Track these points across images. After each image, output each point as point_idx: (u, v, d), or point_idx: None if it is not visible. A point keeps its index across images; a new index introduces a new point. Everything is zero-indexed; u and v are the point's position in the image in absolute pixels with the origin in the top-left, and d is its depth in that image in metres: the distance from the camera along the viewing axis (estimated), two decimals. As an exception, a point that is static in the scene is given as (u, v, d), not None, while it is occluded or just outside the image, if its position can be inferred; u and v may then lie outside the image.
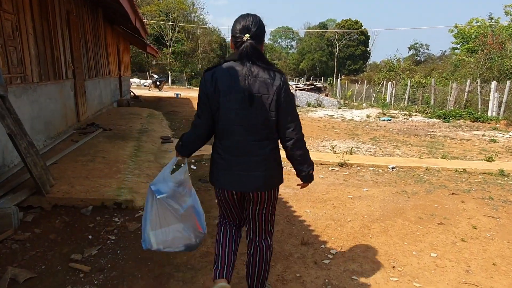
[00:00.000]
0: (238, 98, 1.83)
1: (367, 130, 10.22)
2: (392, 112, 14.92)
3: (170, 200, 2.11)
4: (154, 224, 2.13)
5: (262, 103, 1.84)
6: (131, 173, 4.52)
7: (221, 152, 1.95)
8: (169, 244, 2.18)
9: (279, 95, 1.85)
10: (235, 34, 1.89)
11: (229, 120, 1.87)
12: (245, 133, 1.87)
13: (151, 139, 6.72)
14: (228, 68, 1.86)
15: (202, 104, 1.93)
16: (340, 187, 4.72)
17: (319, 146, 7.54)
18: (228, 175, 1.94)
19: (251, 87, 1.82)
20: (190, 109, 13.92)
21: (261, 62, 1.86)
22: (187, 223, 2.17)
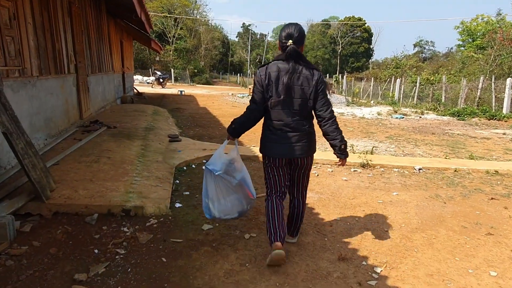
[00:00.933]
0: (285, 88, 2.41)
1: (381, 128, 9.80)
2: (403, 110, 14.48)
3: (225, 175, 2.65)
4: (215, 197, 2.67)
5: (304, 93, 2.45)
6: (139, 175, 4.13)
7: (273, 129, 2.53)
8: (228, 212, 2.72)
9: (316, 87, 2.46)
10: (281, 39, 2.46)
11: (280, 104, 2.46)
12: (290, 114, 2.47)
13: (158, 138, 6.33)
14: (277, 64, 2.46)
15: (258, 92, 2.51)
16: (367, 190, 4.32)
17: (334, 145, 7.12)
18: (279, 146, 2.53)
19: (297, 80, 2.43)
20: (195, 106, 13.53)
21: (302, 61, 2.45)
22: (240, 193, 2.73)
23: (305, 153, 2.56)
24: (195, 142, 6.27)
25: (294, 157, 2.55)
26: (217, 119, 10.11)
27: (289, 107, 2.46)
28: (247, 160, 5.36)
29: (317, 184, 4.51)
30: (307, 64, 2.46)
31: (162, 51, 20.54)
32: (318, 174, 4.91)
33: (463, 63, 27.79)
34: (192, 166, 5.02)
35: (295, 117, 2.48)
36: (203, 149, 5.72)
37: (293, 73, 2.41)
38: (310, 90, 2.44)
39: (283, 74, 2.41)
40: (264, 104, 2.51)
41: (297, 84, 2.43)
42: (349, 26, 64.45)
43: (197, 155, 5.33)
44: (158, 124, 7.89)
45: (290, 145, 2.51)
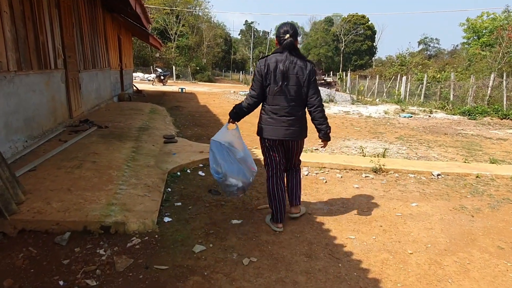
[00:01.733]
0: (282, 76, 2.73)
1: (390, 128, 9.30)
2: (410, 109, 13.95)
3: (231, 147, 2.96)
4: (223, 161, 2.91)
5: (299, 81, 2.77)
6: (125, 182, 3.67)
7: (270, 113, 2.84)
8: (234, 175, 2.94)
9: (309, 76, 2.79)
10: (279, 35, 2.81)
11: (277, 92, 2.76)
12: (286, 100, 2.78)
13: (152, 139, 5.86)
14: (275, 57, 2.78)
15: (257, 81, 2.82)
16: (382, 201, 3.83)
17: (342, 147, 6.64)
18: (275, 129, 2.84)
19: (292, 69, 2.75)
20: (196, 104, 13.05)
21: (296, 53, 2.80)
22: (243, 165, 3.01)
23: (296, 137, 2.92)
24: (192, 144, 5.79)
25: (287, 139, 2.90)
26: (217, 118, 9.63)
27: (285, 94, 2.79)
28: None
29: (326, 192, 4.03)
30: (301, 56, 2.82)
31: (162, 47, 20.00)
32: (327, 181, 4.43)
33: (470, 61, 27.19)
34: (187, 171, 4.55)
35: (291, 103, 2.82)
36: (200, 151, 5.25)
37: (288, 61, 2.75)
38: (304, 78, 2.79)
39: (281, 64, 2.75)
40: (263, 92, 2.85)
41: (293, 73, 2.77)
42: (352, 24, 63.84)
43: (193, 159, 4.85)
44: (154, 123, 7.42)
45: (284, 128, 2.85)
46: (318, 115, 2.91)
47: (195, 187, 4.00)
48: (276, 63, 2.76)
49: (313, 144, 6.71)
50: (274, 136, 2.88)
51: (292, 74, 2.77)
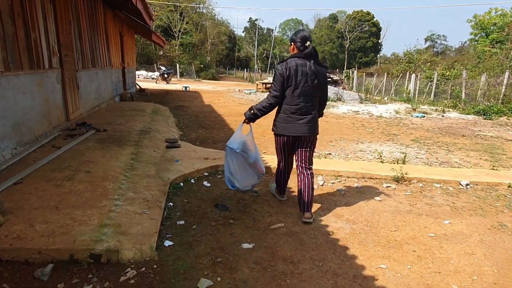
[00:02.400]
0: (303, 80, 3.04)
1: (404, 129, 8.84)
2: (422, 108, 13.46)
3: (243, 153, 3.23)
4: (237, 172, 3.23)
5: (317, 84, 3.09)
6: (122, 197, 3.27)
7: (288, 113, 3.13)
8: (245, 185, 3.32)
9: (325, 81, 3.19)
10: (298, 41, 3.09)
11: (297, 93, 3.07)
12: (305, 101, 3.10)
13: (154, 143, 5.47)
14: (295, 61, 3.06)
15: (280, 82, 3.08)
16: (410, 217, 3.41)
17: (356, 151, 6.21)
18: (295, 126, 3.14)
19: (314, 74, 3.05)
20: (200, 104, 12.65)
21: (316, 59, 3.10)
22: (254, 169, 3.31)
23: (313, 132, 3.19)
24: (196, 149, 5.39)
25: (305, 135, 3.15)
26: (223, 119, 9.22)
27: (305, 95, 3.05)
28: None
29: (346, 206, 3.61)
30: (319, 62, 3.09)
31: (166, 45, 19.62)
32: (345, 193, 4.01)
33: (479, 58, 26.56)
34: (191, 181, 4.15)
35: (308, 103, 3.09)
36: (205, 158, 4.84)
37: (310, 67, 3.02)
38: (322, 83, 3.12)
39: (303, 68, 3.01)
40: (283, 93, 3.09)
41: (314, 77, 3.04)
42: (357, 20, 63.18)
43: (198, 167, 4.45)
44: (156, 125, 7.02)
45: (303, 125, 3.11)
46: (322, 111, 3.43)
47: (200, 201, 3.60)
48: (297, 66, 3.03)
49: (325, 148, 6.28)
50: (294, 133, 3.15)
51: (313, 78, 3.05)
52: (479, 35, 41.02)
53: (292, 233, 2.98)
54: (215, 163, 4.64)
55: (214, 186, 4.04)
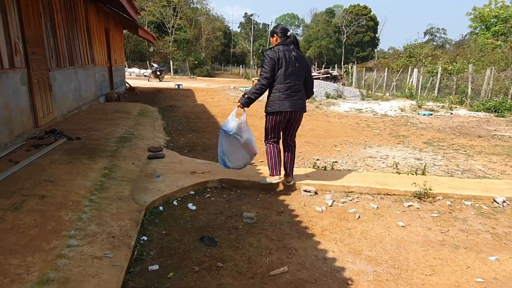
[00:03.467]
0: (293, 62, 3.49)
1: (413, 129, 8.15)
2: (428, 105, 12.77)
3: (236, 135, 3.46)
4: (230, 152, 3.52)
5: (303, 66, 3.57)
6: (80, 232, 2.55)
7: (282, 90, 3.48)
8: (237, 164, 3.62)
9: (307, 64, 3.66)
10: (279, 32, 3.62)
11: (288, 73, 3.48)
12: (296, 79, 3.52)
13: (134, 153, 4.73)
14: (282, 47, 3.52)
15: (270, 65, 3.45)
16: (446, 252, 2.71)
17: (365, 157, 5.50)
18: (289, 102, 3.49)
19: (297, 58, 3.52)
20: (192, 103, 11.90)
21: (298, 47, 3.62)
22: (246, 148, 3.56)
23: (302, 108, 3.63)
24: (182, 160, 4.65)
25: (297, 110, 3.57)
26: (215, 120, 8.49)
27: (295, 75, 3.52)
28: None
29: (363, 236, 2.90)
30: (299, 49, 3.63)
31: (159, 41, 18.81)
32: (360, 216, 3.30)
33: (481, 51, 25.88)
34: (173, 203, 3.43)
35: (298, 82, 3.55)
36: (192, 172, 4.11)
37: (296, 52, 3.54)
38: (304, 64, 3.60)
39: (287, 52, 3.49)
40: (274, 75, 3.49)
41: (299, 60, 3.54)
42: (354, 15, 62.48)
43: (182, 184, 3.72)
44: (140, 130, 6.28)
45: (295, 101, 3.52)
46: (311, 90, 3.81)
47: (182, 232, 2.89)
48: (284, 51, 3.48)
49: (330, 154, 5.57)
50: (289, 109, 3.50)
51: (299, 60, 3.52)
52: (479, 28, 40.42)
53: (299, 282, 2.27)
54: (204, 178, 3.91)
55: (201, 209, 3.32)
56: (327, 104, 12.64)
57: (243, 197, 3.67)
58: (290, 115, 3.54)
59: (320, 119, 9.33)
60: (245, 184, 3.92)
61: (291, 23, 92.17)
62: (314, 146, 6.16)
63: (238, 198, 3.65)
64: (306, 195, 3.73)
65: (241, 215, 3.20)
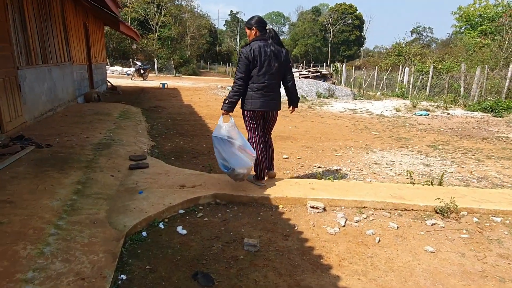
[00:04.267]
0: (267, 60, 3.33)
1: (413, 131, 7.75)
2: (422, 104, 12.44)
3: (230, 139, 3.34)
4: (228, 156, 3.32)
5: (280, 63, 3.40)
6: (41, 273, 2.00)
7: (256, 90, 3.41)
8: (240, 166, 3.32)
9: (287, 60, 3.47)
10: (256, 24, 3.41)
11: (262, 72, 3.35)
12: (270, 79, 3.41)
13: (113, 163, 4.15)
14: (258, 43, 3.34)
15: (245, 65, 3.32)
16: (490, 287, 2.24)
17: (370, 164, 5.05)
18: (260, 101, 3.44)
19: (275, 53, 3.35)
20: (178, 103, 11.29)
21: (277, 40, 3.41)
22: (243, 153, 3.37)
23: (276, 108, 3.60)
24: (169, 170, 4.09)
25: (270, 110, 3.54)
26: (204, 122, 7.93)
27: (269, 73, 3.37)
28: (253, 207, 3.25)
29: (389, 267, 2.42)
30: (279, 42, 3.42)
31: (143, 39, 18.06)
32: (380, 239, 2.81)
33: (468, 50, 25.90)
34: (159, 225, 2.88)
35: (273, 81, 3.43)
36: (181, 185, 3.56)
37: (273, 47, 3.34)
38: (282, 60, 3.40)
39: (265, 49, 3.32)
40: (249, 74, 3.37)
41: (275, 56, 3.36)
42: (340, 13, 62.61)
43: (170, 202, 3.17)
44: (121, 134, 5.68)
45: (268, 101, 3.47)
46: (293, 87, 3.61)
47: (171, 266, 2.35)
48: (260, 48, 3.31)
49: (332, 160, 5.10)
50: (260, 108, 3.45)
51: (275, 57, 3.35)
52: (464, 27, 40.86)
53: None
54: (195, 193, 3.37)
55: (193, 234, 2.79)
56: (319, 104, 12.19)
57: (242, 216, 3.14)
58: (262, 113, 3.56)
59: (315, 120, 8.86)
60: (242, 200, 3.40)
61: (277, 22, 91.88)
62: (313, 151, 5.67)
63: (235, 217, 3.12)
64: (314, 212, 3.23)
65: (241, 241, 2.68)
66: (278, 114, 3.74)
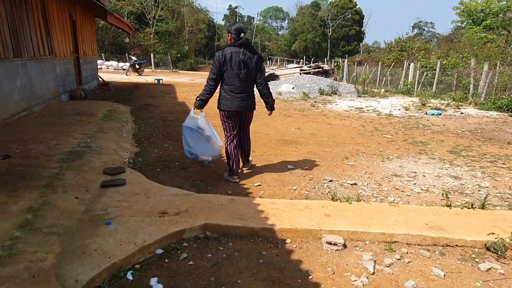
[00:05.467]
0: (237, 64, 3.59)
1: (428, 133, 7.02)
2: (432, 102, 11.70)
3: (199, 129, 3.75)
4: (194, 144, 3.73)
5: (250, 68, 3.65)
6: None
7: (227, 91, 3.69)
8: (204, 153, 3.75)
9: (257, 64, 3.68)
10: (233, 33, 3.63)
11: (233, 75, 3.62)
12: (240, 81, 3.65)
13: (82, 179, 3.40)
14: (231, 49, 3.60)
15: (216, 67, 3.62)
16: None
17: (389, 176, 4.31)
18: (232, 102, 3.69)
19: (245, 59, 3.61)
20: (172, 101, 10.51)
21: (249, 47, 3.68)
22: (210, 142, 3.79)
23: (248, 108, 3.81)
24: (149, 189, 3.34)
25: (241, 110, 3.75)
26: (199, 123, 7.16)
27: (239, 76, 3.62)
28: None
29: None
30: (252, 50, 3.69)
31: (133, 31, 17.22)
32: (425, 295, 2.08)
33: (472, 45, 25.13)
34: (127, 276, 2.14)
35: (243, 83, 3.67)
36: (162, 212, 2.82)
37: (242, 54, 3.59)
38: (253, 66, 3.65)
39: (236, 55, 3.58)
40: (220, 76, 3.66)
41: (246, 62, 3.61)
42: (340, 8, 61.80)
43: (145, 239, 2.42)
44: (101, 139, 4.92)
45: (238, 102, 3.70)
46: (265, 91, 3.82)
47: None
48: (231, 54, 3.59)
49: (344, 171, 4.37)
50: (232, 108, 3.71)
51: (245, 62, 3.61)
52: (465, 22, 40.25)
53: None
54: (179, 224, 2.63)
55: (173, 286, 2.05)
56: (323, 101, 11.43)
57: (238, 257, 2.41)
58: (235, 113, 3.78)
59: (319, 120, 8.12)
60: (240, 232, 2.67)
61: (276, 16, 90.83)
62: (321, 158, 4.94)
63: (230, 259, 2.39)
64: (332, 250, 2.51)
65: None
66: (253, 114, 3.98)
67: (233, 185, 3.79)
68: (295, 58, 52.37)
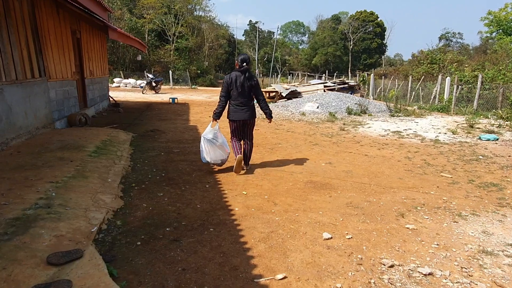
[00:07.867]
0: (240, 85, 4.86)
1: (496, 169, 5.55)
2: (481, 122, 10.13)
3: (213, 140, 4.90)
4: (208, 152, 4.90)
5: (249, 87, 4.93)
6: None
7: (235, 106, 4.93)
8: (215, 159, 4.96)
9: (256, 85, 4.98)
10: (239, 61, 4.93)
11: (237, 93, 4.88)
12: (243, 97, 4.91)
13: (7, 277, 2.20)
14: (235, 73, 4.88)
15: (225, 88, 4.91)
16: None
17: (476, 252, 2.93)
18: (238, 114, 4.94)
19: (246, 82, 4.87)
20: (183, 125, 9.37)
21: (249, 74, 4.91)
22: (221, 150, 4.96)
23: (251, 117, 5.02)
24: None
25: (245, 119, 4.97)
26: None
27: (242, 95, 4.89)
28: None
29: None
30: (250, 75, 4.92)
31: (146, 47, 16.40)
32: None
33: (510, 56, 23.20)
34: None
35: (245, 99, 4.92)
36: None
37: (244, 78, 4.85)
38: (252, 86, 4.93)
39: (238, 78, 4.84)
40: (228, 95, 4.93)
41: (246, 83, 4.87)
42: (361, 21, 60.68)
43: None
44: (73, 191, 3.75)
45: (243, 113, 4.94)
46: (263, 105, 5.09)
47: None
48: (236, 77, 4.85)
49: (404, 243, 3.00)
50: (239, 118, 4.96)
51: (246, 84, 4.88)
52: (495, 32, 38.51)
53: None
54: None
55: None
56: (352, 123, 10.05)
57: None
58: (240, 122, 5.00)
59: (353, 150, 6.76)
60: None
61: (296, 31, 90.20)
62: (367, 217, 3.60)
63: None
64: None
65: None
66: (255, 121, 5.16)
67: (244, 281, 2.49)
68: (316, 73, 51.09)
